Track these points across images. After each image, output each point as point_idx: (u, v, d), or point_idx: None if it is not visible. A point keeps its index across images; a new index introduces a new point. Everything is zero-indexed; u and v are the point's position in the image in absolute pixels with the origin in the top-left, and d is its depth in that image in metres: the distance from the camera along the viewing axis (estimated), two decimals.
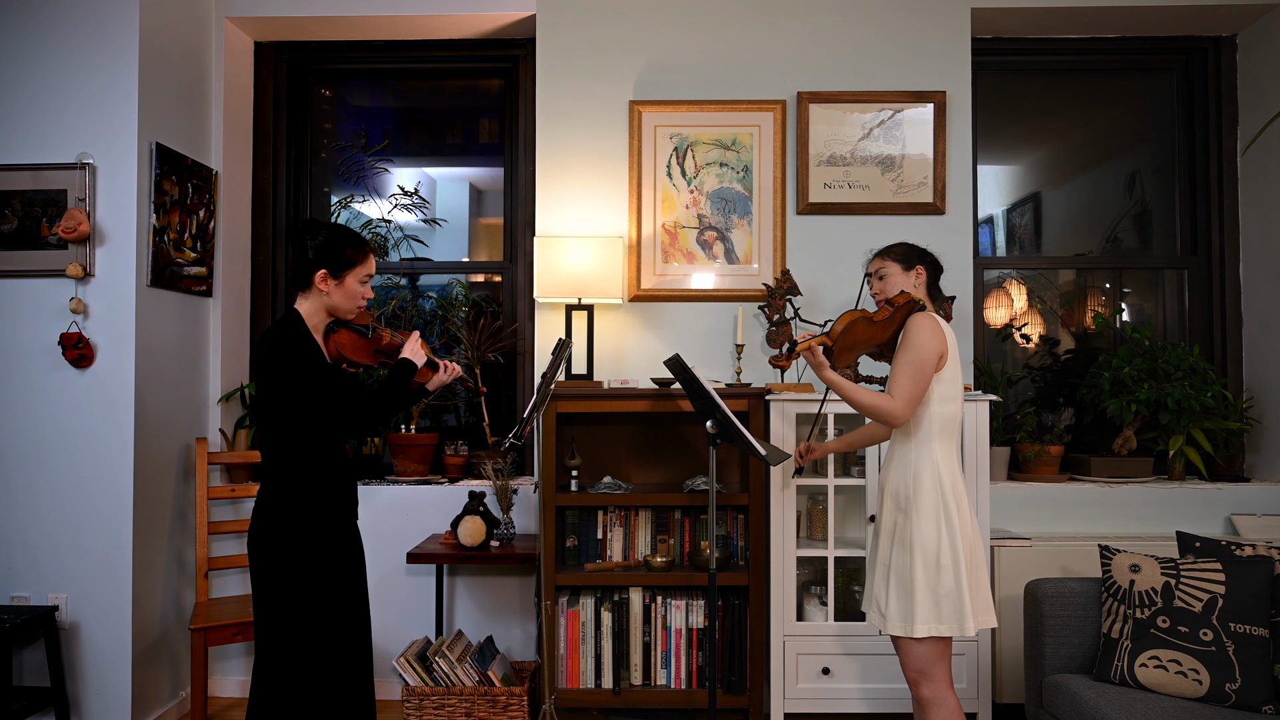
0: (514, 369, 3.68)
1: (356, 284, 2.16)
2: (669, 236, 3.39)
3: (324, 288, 2.13)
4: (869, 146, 3.37)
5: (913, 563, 2.11)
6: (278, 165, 3.73)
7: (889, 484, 2.23)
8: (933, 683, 2.13)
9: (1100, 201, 3.79)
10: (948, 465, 2.15)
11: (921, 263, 2.30)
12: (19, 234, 2.94)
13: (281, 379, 2.04)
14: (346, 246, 2.14)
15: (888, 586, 2.17)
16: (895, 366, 2.17)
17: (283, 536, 2.07)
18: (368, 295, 2.21)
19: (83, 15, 2.94)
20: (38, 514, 2.92)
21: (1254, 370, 3.49)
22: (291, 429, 2.08)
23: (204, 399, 3.40)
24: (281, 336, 2.06)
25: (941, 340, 2.15)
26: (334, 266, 2.12)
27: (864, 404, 2.15)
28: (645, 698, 2.98)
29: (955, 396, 2.18)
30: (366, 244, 2.19)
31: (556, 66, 3.40)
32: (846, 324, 2.15)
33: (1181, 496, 3.27)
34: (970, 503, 2.20)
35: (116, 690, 2.91)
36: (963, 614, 2.07)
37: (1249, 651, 2.25)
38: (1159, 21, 3.49)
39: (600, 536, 3.10)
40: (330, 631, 2.11)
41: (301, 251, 2.13)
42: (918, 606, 2.09)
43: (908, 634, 2.12)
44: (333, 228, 2.16)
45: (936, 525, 2.11)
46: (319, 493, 2.11)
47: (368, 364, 2.26)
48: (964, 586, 2.08)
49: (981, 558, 2.19)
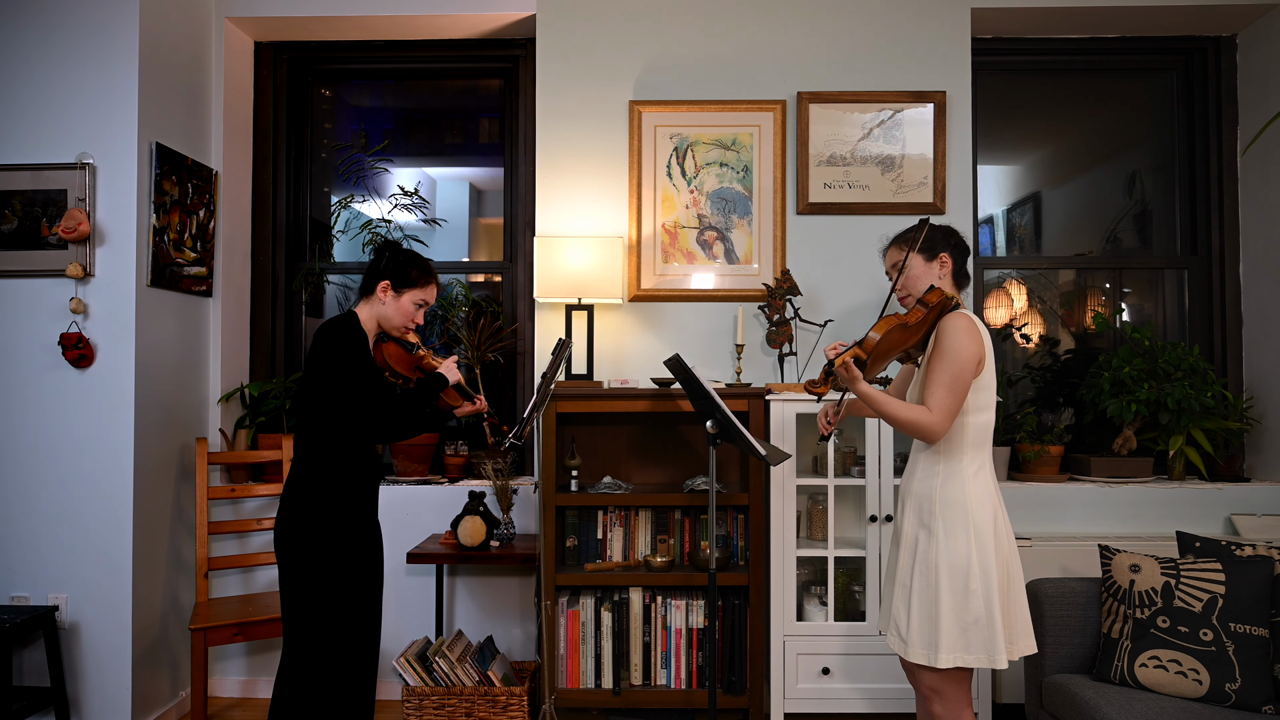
0: (514, 369, 3.68)
1: (411, 305, 2.33)
2: (669, 236, 3.39)
3: (383, 297, 2.30)
4: (869, 146, 3.37)
5: (938, 586, 1.94)
6: (278, 165, 3.73)
7: (911, 493, 2.06)
8: (948, 702, 1.99)
9: (1100, 201, 3.79)
10: (980, 479, 1.98)
11: (946, 248, 2.09)
12: (19, 234, 2.94)
13: (333, 368, 2.17)
14: (414, 268, 2.33)
15: (909, 609, 1.99)
16: (930, 375, 1.98)
17: (313, 527, 2.19)
18: (418, 320, 2.36)
19: (83, 15, 2.94)
20: (38, 514, 2.92)
21: (1254, 370, 3.49)
22: (330, 422, 2.20)
23: (204, 399, 3.40)
24: (341, 330, 2.21)
25: (980, 344, 1.96)
26: (397, 281, 2.30)
27: (901, 419, 1.97)
28: (645, 698, 2.98)
29: (990, 405, 2.00)
30: (433, 275, 2.37)
31: (556, 66, 3.40)
32: (882, 334, 1.94)
33: (1181, 496, 3.27)
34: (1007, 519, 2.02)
35: (116, 690, 2.91)
36: (994, 643, 1.90)
37: (1249, 651, 2.25)
38: (1159, 21, 3.49)
39: (600, 536, 3.10)
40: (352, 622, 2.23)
41: (378, 260, 2.33)
42: (943, 635, 1.92)
43: (931, 664, 1.94)
44: (411, 254, 2.36)
45: (966, 545, 1.93)
46: (348, 487, 2.24)
47: (407, 376, 2.40)
48: (995, 613, 1.90)
49: (1019, 579, 2.01)
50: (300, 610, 2.20)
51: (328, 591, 2.19)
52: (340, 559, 2.21)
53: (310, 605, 2.19)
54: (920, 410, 1.96)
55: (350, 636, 2.23)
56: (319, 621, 2.19)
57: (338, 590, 2.20)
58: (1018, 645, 1.99)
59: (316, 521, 2.19)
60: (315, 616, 2.19)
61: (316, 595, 2.19)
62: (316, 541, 2.19)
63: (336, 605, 2.20)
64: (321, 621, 2.19)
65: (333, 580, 2.20)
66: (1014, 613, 1.98)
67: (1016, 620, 1.99)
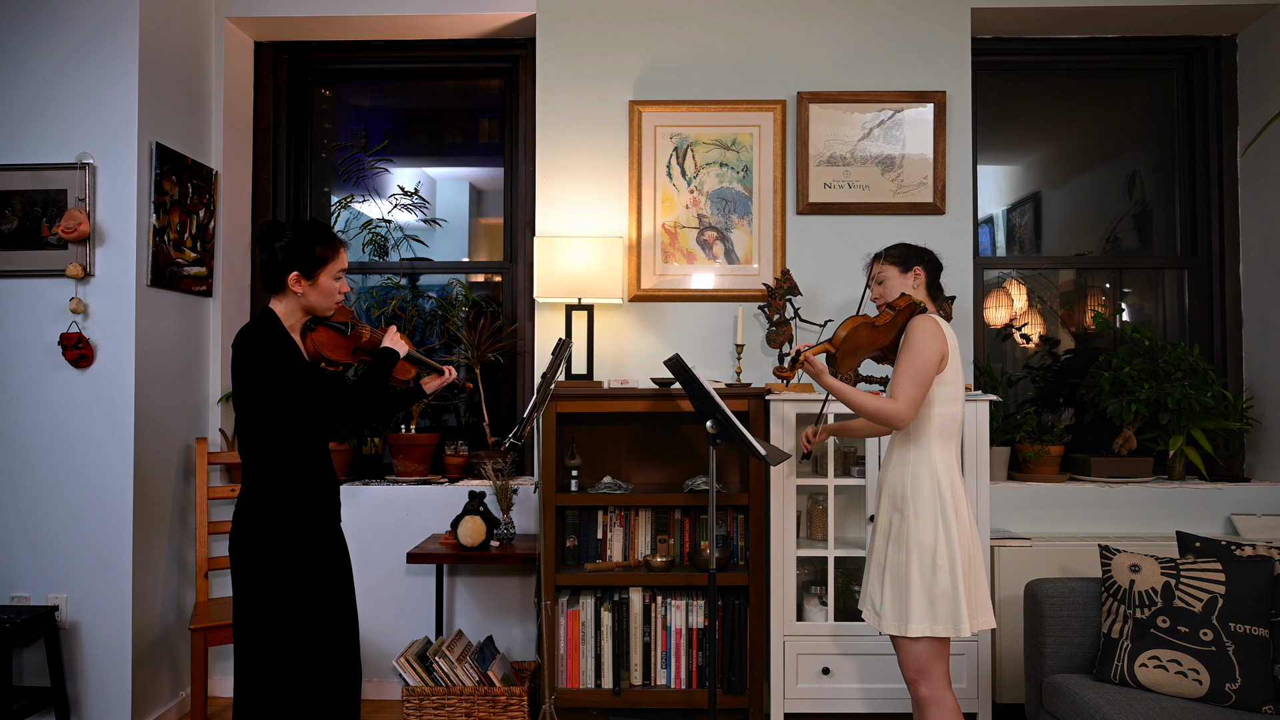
0: (514, 369, 3.68)
1: (330, 281, 2.10)
2: (669, 236, 3.39)
3: (298, 289, 2.07)
4: (869, 146, 3.37)
5: (909, 562, 2.12)
6: (278, 165, 3.73)
7: (887, 483, 2.24)
8: (930, 682, 2.14)
9: (1100, 201, 3.79)
10: (946, 467, 2.17)
11: (919, 263, 2.31)
12: (19, 234, 2.94)
13: (257, 379, 1.99)
14: (316, 245, 2.07)
15: (883, 585, 2.19)
16: (897, 369, 2.18)
17: (263, 540, 2.02)
18: (344, 290, 2.16)
19: (83, 15, 2.94)
20: (38, 514, 2.92)
21: (1254, 370, 3.49)
22: (270, 430, 2.03)
23: (204, 399, 3.40)
24: (256, 336, 2.01)
25: (942, 342, 2.16)
26: (305, 267, 2.06)
27: (866, 408, 2.16)
28: (645, 698, 2.98)
29: (956, 398, 2.19)
30: (335, 238, 2.13)
31: (556, 66, 3.40)
32: (848, 331, 2.16)
33: (1181, 496, 3.27)
34: (969, 505, 2.21)
35: (116, 690, 2.91)
36: (958, 615, 2.09)
37: (1249, 651, 2.25)
38: (1159, 21, 3.49)
39: (600, 536, 3.10)
40: (312, 637, 2.06)
41: (270, 255, 2.06)
42: (913, 606, 2.11)
43: (903, 633, 2.13)
44: (299, 226, 2.09)
45: (934, 526, 2.12)
46: (300, 495, 2.06)
47: (347, 362, 2.23)
48: (960, 588, 2.09)
49: (980, 559, 2.20)
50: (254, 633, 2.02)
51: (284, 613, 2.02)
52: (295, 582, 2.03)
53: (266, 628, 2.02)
54: (886, 400, 2.16)
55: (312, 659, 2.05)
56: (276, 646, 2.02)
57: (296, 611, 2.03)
58: (979, 619, 2.17)
59: (270, 539, 2.02)
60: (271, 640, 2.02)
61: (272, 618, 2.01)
62: (271, 560, 2.01)
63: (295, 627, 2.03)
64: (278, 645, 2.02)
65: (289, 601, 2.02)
66: (975, 589, 2.16)
67: (977, 597, 2.17)
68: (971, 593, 2.14)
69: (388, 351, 2.19)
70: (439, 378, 2.32)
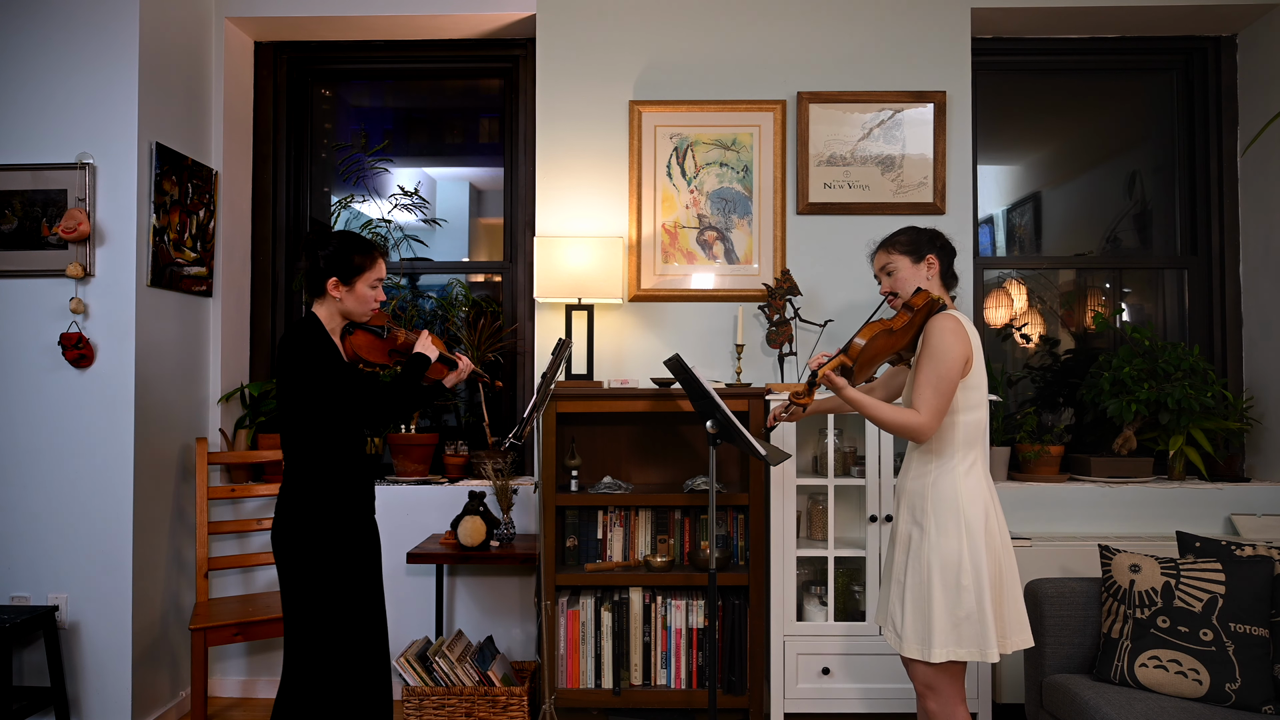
0: (514, 369, 3.68)
1: (367, 289, 2.27)
2: (669, 236, 3.39)
3: (336, 294, 2.24)
4: (869, 146, 3.37)
5: (930, 582, 1.97)
6: (278, 165, 3.73)
7: (905, 493, 2.10)
8: (940, 697, 2.02)
9: (1100, 201, 3.79)
10: (972, 477, 2.01)
11: (932, 250, 2.12)
12: (19, 234, 2.94)
13: (301, 379, 2.16)
14: (355, 254, 2.24)
15: (903, 605, 2.03)
16: (918, 377, 2.00)
17: (307, 527, 2.18)
18: (379, 298, 2.31)
19: (83, 15, 2.94)
20: (38, 514, 2.92)
21: (1254, 370, 3.49)
22: (312, 427, 2.20)
23: (204, 399, 3.40)
24: (300, 339, 2.18)
25: (966, 343, 1.99)
26: (344, 274, 2.23)
27: (890, 422, 2.00)
28: (645, 698, 2.98)
29: (981, 403, 2.03)
30: (375, 249, 2.29)
31: (556, 66, 3.40)
32: (866, 340, 1.99)
33: (1181, 496, 3.27)
34: (1000, 516, 2.05)
35: (116, 690, 2.91)
36: (985, 637, 1.93)
37: (1249, 651, 2.25)
38: (1159, 21, 3.49)
39: (600, 536, 3.10)
40: (355, 622, 2.22)
41: (314, 261, 2.24)
42: (935, 629, 1.96)
43: (925, 658, 1.98)
44: (342, 236, 2.27)
45: (957, 542, 1.96)
46: (340, 488, 2.23)
47: (383, 363, 2.39)
48: (987, 608, 1.93)
49: (1013, 574, 2.03)
50: (303, 615, 2.19)
51: (329, 595, 2.19)
52: (339, 561, 2.20)
53: (312, 610, 2.18)
54: (908, 412, 1.99)
55: (354, 639, 2.23)
56: (322, 626, 2.19)
57: (338, 594, 2.20)
58: (1012, 640, 2.02)
59: (312, 526, 2.19)
60: (318, 621, 2.18)
61: (318, 600, 2.18)
62: (314, 546, 2.18)
63: (338, 608, 2.20)
64: (324, 625, 2.19)
65: (333, 584, 2.19)
66: (1007, 607, 2.01)
67: (1010, 615, 2.02)
68: (1002, 611, 1.98)
69: (419, 357, 2.35)
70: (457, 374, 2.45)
